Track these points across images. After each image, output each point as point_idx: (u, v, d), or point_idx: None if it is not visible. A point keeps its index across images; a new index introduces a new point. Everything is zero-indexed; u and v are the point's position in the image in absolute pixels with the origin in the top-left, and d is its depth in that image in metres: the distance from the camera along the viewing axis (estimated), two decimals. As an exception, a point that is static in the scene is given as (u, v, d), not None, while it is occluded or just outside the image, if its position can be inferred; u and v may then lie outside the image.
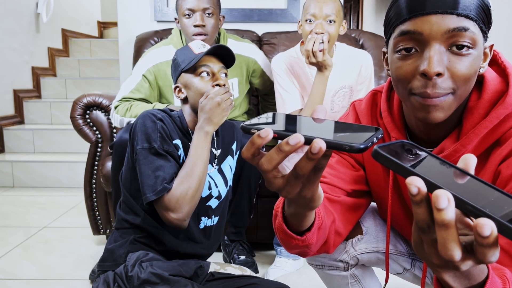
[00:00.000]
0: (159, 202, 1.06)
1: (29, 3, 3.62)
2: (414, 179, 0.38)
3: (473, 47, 0.62)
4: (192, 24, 1.63)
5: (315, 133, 0.44)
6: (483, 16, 0.62)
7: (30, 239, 1.94)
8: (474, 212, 0.37)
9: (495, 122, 0.66)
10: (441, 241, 0.39)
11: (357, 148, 0.42)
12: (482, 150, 0.68)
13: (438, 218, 0.37)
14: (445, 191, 0.37)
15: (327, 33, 1.47)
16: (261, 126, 0.46)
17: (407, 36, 0.64)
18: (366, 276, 1.02)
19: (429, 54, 0.62)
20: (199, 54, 1.15)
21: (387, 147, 0.44)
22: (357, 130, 0.46)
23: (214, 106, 1.09)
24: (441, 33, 0.61)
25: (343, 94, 1.66)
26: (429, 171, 0.41)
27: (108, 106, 1.76)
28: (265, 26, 2.41)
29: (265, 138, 0.44)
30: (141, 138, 1.08)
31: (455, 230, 0.38)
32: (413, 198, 0.39)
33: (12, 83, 3.40)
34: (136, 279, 1.01)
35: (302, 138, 0.43)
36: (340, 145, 0.42)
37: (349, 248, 0.94)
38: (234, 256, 1.61)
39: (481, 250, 0.37)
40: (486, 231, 0.35)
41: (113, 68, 4.01)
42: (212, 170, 1.22)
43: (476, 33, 0.61)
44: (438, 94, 0.63)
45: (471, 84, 0.65)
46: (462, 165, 0.42)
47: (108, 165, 1.65)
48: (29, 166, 2.87)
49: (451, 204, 0.37)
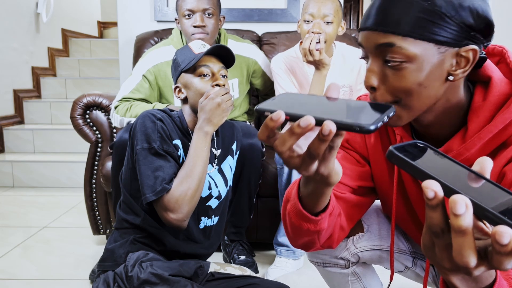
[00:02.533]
0: (159, 203, 1.06)
1: (29, 3, 3.62)
2: (431, 183, 0.38)
3: (406, 61, 0.62)
4: (192, 25, 1.63)
5: (326, 113, 0.45)
6: (431, 27, 0.60)
7: (30, 239, 1.94)
8: (493, 219, 0.36)
9: (500, 127, 0.65)
10: (456, 248, 0.38)
11: (367, 129, 0.42)
12: (487, 153, 0.68)
13: (455, 224, 0.36)
14: (463, 196, 0.36)
15: (324, 33, 1.49)
16: (274, 108, 0.46)
17: (361, 48, 0.68)
18: (366, 274, 1.02)
19: (367, 67, 0.66)
20: (199, 54, 1.15)
21: (402, 148, 0.43)
22: (369, 109, 0.46)
23: (214, 107, 1.09)
24: (372, 49, 0.64)
25: (342, 94, 1.67)
26: (445, 174, 0.40)
27: (108, 106, 1.76)
28: (265, 26, 2.41)
29: (277, 121, 0.45)
30: (140, 138, 1.08)
31: (472, 236, 0.37)
32: (428, 202, 0.38)
33: (12, 83, 3.40)
34: (136, 279, 1.01)
35: (313, 120, 0.43)
36: (350, 126, 0.43)
37: (350, 245, 0.94)
38: (234, 256, 1.61)
39: (498, 257, 0.36)
40: (505, 239, 0.34)
41: (113, 68, 4.01)
42: (212, 170, 1.22)
43: (407, 47, 0.61)
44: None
45: (420, 96, 0.64)
46: (477, 168, 0.41)
47: (108, 165, 1.65)
48: (29, 166, 2.87)
49: (469, 210, 0.36)
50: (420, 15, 0.60)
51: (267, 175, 1.66)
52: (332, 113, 0.45)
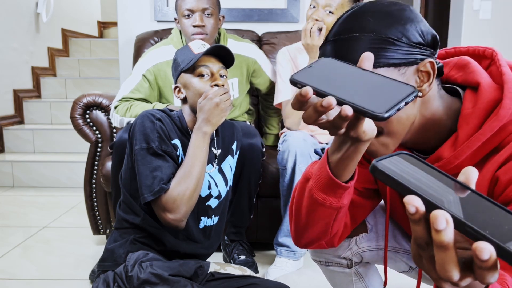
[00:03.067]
0: (157, 203, 1.06)
1: (29, 3, 3.62)
2: (412, 198, 0.38)
3: None
4: (192, 24, 1.63)
5: (349, 93, 0.48)
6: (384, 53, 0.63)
7: (30, 239, 1.94)
8: (473, 235, 0.36)
9: (488, 135, 0.65)
10: (439, 262, 0.38)
11: (381, 117, 0.44)
12: (477, 160, 0.68)
13: (437, 239, 0.37)
14: (444, 212, 0.36)
15: (323, 21, 1.57)
16: (304, 81, 0.51)
17: None
18: (369, 274, 1.02)
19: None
20: (198, 54, 1.15)
21: (387, 160, 0.43)
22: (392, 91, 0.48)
23: (212, 107, 1.09)
24: None
25: None
26: (429, 187, 0.40)
27: (108, 106, 1.76)
28: (265, 26, 2.41)
29: (306, 97, 0.49)
30: (139, 138, 1.08)
31: (454, 251, 0.37)
32: (411, 216, 0.38)
33: (12, 83, 3.40)
34: (136, 279, 1.01)
35: (334, 101, 0.47)
36: (364, 112, 0.45)
37: (353, 245, 0.94)
38: (234, 256, 1.61)
39: (480, 272, 0.36)
40: (485, 255, 0.34)
41: (113, 68, 4.01)
42: (212, 169, 1.22)
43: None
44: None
45: (399, 121, 0.66)
46: (463, 179, 0.41)
47: (108, 165, 1.65)
48: (29, 166, 2.87)
49: (449, 225, 0.36)
50: (371, 45, 0.63)
51: (267, 175, 1.66)
52: (355, 93, 0.48)
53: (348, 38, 0.65)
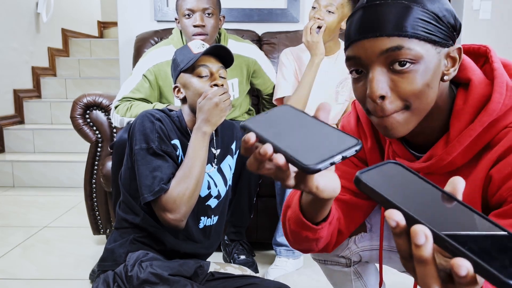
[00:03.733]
0: (157, 203, 1.06)
1: (29, 3, 3.62)
2: (393, 213, 0.38)
3: (415, 62, 0.61)
4: (192, 24, 1.63)
5: (288, 142, 0.46)
6: (427, 29, 0.61)
7: (30, 239, 1.94)
8: (452, 251, 0.36)
9: (479, 130, 0.65)
10: (419, 275, 0.39)
11: (311, 170, 0.42)
12: (470, 157, 0.68)
13: (416, 254, 0.37)
14: (424, 227, 0.36)
15: (323, 20, 1.61)
16: (254, 128, 0.49)
17: (351, 61, 0.66)
18: (368, 273, 1.02)
19: (370, 77, 0.63)
20: (198, 54, 1.15)
21: (372, 171, 0.43)
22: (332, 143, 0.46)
23: (212, 107, 1.09)
24: (376, 56, 0.62)
25: (346, 85, 1.75)
26: (413, 199, 0.40)
27: (108, 106, 1.76)
28: (265, 26, 2.41)
29: (248, 143, 0.47)
30: (139, 138, 1.08)
31: (433, 265, 0.38)
32: (392, 230, 0.39)
33: (12, 83, 3.40)
34: (135, 279, 1.01)
35: (270, 149, 0.46)
36: (295, 163, 0.44)
37: (352, 245, 0.94)
38: (234, 256, 1.61)
39: (460, 286, 0.37)
40: (462, 272, 0.35)
41: (113, 68, 4.01)
42: (211, 169, 1.22)
43: (415, 47, 0.61)
44: (389, 113, 0.63)
45: (427, 97, 0.64)
46: (449, 189, 0.41)
47: (108, 165, 1.65)
48: (29, 166, 2.87)
49: (429, 240, 0.36)
50: (419, 16, 0.61)
51: (267, 175, 1.66)
52: (294, 142, 0.46)
53: (395, 3, 0.61)
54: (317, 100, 1.75)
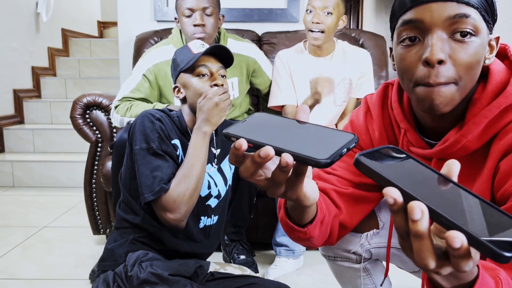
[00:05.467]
0: (157, 203, 1.06)
1: (29, 3, 3.62)
2: (391, 190, 0.39)
3: (475, 34, 0.62)
4: (192, 24, 1.64)
5: (288, 143, 0.45)
6: (485, 6, 0.63)
7: (30, 239, 1.94)
8: (447, 225, 0.38)
9: (495, 111, 0.65)
10: (416, 250, 0.40)
11: (324, 163, 0.42)
12: (483, 142, 0.68)
13: (413, 229, 0.39)
14: (420, 202, 0.38)
15: (323, 23, 1.61)
16: (239, 134, 0.48)
17: (410, 25, 0.65)
18: (377, 271, 1.02)
19: (431, 41, 0.62)
20: (197, 54, 1.15)
21: (370, 154, 0.44)
22: (331, 138, 0.46)
23: (212, 107, 1.09)
24: (442, 20, 0.62)
25: (343, 86, 1.74)
26: (410, 180, 0.41)
27: (108, 106, 1.76)
28: (265, 26, 2.41)
29: (240, 149, 0.46)
30: (139, 138, 1.08)
31: (429, 240, 0.39)
32: (390, 207, 0.40)
33: (12, 83, 3.40)
34: (135, 279, 1.01)
35: (272, 151, 0.44)
36: (306, 160, 0.43)
37: (364, 241, 0.94)
38: (234, 255, 1.61)
39: (454, 260, 0.38)
40: (456, 244, 0.36)
41: (113, 68, 4.01)
42: (211, 169, 1.22)
43: (478, 20, 0.62)
44: (441, 83, 0.63)
45: (474, 74, 0.64)
46: (445, 171, 0.42)
47: (108, 165, 1.65)
48: (29, 166, 2.87)
49: (424, 216, 0.38)
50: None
51: (267, 174, 1.66)
52: (294, 142, 0.46)
53: None
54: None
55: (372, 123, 0.86)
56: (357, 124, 0.88)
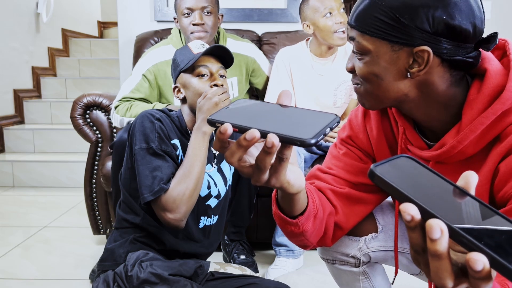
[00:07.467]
0: (157, 203, 1.06)
1: (29, 3, 3.62)
2: (408, 207, 0.38)
3: (362, 53, 0.69)
4: (191, 23, 1.64)
5: (272, 125, 0.46)
6: (385, 27, 0.65)
7: (30, 239, 1.94)
8: (468, 245, 0.36)
9: (492, 118, 0.65)
10: (433, 269, 0.38)
11: (308, 143, 0.44)
12: (481, 146, 0.67)
13: (431, 248, 0.37)
14: (439, 221, 0.36)
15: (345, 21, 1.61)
16: (223, 120, 0.48)
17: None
18: (376, 274, 1.01)
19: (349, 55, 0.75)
20: (197, 54, 1.15)
21: (386, 164, 0.43)
22: (314, 119, 0.48)
23: (211, 106, 1.09)
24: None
25: (344, 89, 1.74)
26: (427, 193, 0.40)
27: (108, 106, 1.76)
28: (265, 26, 2.41)
29: (225, 134, 0.47)
30: (139, 138, 1.08)
31: (448, 260, 0.38)
32: (407, 224, 0.38)
33: (12, 83, 3.40)
34: (135, 279, 1.01)
35: (257, 133, 0.45)
36: (291, 140, 0.45)
37: (362, 245, 0.93)
38: (234, 255, 1.61)
39: (474, 281, 0.37)
40: (478, 267, 0.34)
41: (113, 68, 4.01)
42: (211, 169, 1.22)
43: (362, 42, 0.68)
44: (354, 83, 0.75)
45: (378, 85, 0.70)
46: (462, 184, 0.41)
47: (108, 165, 1.65)
48: (29, 166, 2.87)
49: (444, 235, 0.36)
50: (378, 15, 0.66)
51: (267, 174, 1.66)
52: (278, 124, 0.47)
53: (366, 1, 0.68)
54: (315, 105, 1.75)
55: (370, 122, 0.86)
56: (356, 123, 0.88)
